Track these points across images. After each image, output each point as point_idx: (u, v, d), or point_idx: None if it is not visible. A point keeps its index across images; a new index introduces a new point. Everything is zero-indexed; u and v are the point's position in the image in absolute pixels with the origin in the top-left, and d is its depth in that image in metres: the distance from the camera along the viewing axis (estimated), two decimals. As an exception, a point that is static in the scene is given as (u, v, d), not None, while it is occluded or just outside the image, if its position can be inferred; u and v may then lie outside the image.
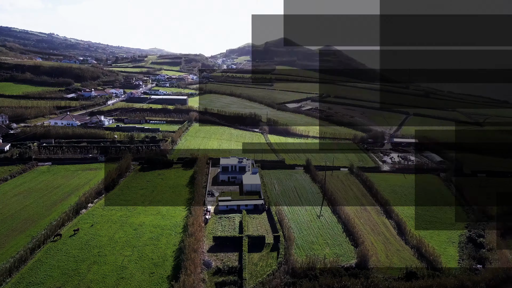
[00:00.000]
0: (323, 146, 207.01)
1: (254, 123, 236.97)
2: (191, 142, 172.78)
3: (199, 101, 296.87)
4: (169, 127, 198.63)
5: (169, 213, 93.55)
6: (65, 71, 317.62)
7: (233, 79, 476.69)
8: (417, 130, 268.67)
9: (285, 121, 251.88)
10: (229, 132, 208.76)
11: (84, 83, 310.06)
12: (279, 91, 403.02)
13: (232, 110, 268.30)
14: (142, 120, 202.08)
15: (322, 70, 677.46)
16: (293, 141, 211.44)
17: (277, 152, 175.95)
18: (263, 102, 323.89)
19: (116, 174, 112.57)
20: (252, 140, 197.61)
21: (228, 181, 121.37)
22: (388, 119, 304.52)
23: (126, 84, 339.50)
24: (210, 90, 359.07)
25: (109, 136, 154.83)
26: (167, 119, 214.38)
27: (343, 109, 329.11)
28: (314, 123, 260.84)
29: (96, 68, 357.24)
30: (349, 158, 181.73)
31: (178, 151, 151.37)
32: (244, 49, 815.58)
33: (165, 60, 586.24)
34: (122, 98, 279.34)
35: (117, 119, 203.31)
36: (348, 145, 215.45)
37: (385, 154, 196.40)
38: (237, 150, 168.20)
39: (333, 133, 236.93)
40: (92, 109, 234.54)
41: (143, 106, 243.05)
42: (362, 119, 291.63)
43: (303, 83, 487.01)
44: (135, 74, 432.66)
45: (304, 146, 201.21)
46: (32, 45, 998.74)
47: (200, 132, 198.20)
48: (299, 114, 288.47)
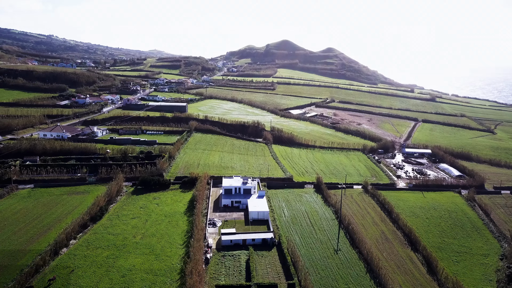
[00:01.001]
0: (332, 158, 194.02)
1: (257, 132, 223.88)
2: (190, 156, 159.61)
3: (199, 107, 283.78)
4: (167, 138, 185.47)
5: (164, 251, 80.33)
6: (59, 76, 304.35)
7: (234, 82, 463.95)
8: (429, 139, 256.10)
9: (290, 129, 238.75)
10: (231, 143, 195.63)
11: (79, 89, 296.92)
12: (281, 96, 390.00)
13: (233, 117, 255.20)
14: (138, 131, 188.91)
15: (324, 72, 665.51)
16: (299, 152, 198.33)
17: (283, 166, 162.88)
18: (265, 108, 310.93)
19: (105, 201, 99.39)
20: (255, 152, 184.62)
21: (232, 206, 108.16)
22: (396, 126, 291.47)
23: (123, 89, 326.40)
24: (211, 95, 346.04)
25: (101, 151, 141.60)
26: (165, 128, 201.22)
27: (349, 115, 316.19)
28: (320, 131, 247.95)
29: (92, 73, 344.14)
30: (361, 173, 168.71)
31: (176, 168, 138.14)
32: (245, 52, 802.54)
33: (164, 63, 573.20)
34: (118, 105, 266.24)
35: (111, 129, 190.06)
36: (358, 156, 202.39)
37: (398, 168, 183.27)
38: (240, 165, 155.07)
39: (341, 143, 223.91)
40: (86, 117, 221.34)
41: (140, 114, 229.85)
42: (369, 126, 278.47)
43: (305, 87, 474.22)
44: (133, 78, 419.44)
45: (312, 158, 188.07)
46: (30, 47, 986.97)
47: (200, 143, 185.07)
48: (303, 121, 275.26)
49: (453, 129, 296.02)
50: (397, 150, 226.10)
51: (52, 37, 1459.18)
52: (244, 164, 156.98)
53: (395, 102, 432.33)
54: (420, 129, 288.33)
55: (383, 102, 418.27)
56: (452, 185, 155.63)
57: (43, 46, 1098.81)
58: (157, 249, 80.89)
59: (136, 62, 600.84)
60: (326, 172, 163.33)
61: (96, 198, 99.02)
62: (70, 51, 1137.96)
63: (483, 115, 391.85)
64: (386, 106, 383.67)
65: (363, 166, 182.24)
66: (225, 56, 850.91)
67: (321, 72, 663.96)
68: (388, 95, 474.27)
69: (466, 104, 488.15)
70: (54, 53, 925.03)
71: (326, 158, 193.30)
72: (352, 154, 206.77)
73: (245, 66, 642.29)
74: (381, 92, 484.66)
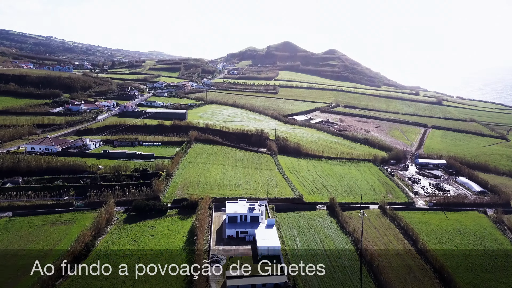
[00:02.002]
0: (342, 170, 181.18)
1: (261, 142, 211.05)
2: (190, 171, 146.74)
3: (199, 114, 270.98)
4: (166, 150, 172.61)
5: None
6: (54, 81, 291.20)
7: (235, 86, 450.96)
8: (441, 148, 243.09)
9: (295, 137, 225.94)
10: (234, 154, 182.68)
11: (74, 94, 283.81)
12: (284, 100, 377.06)
13: (236, 125, 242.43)
14: (135, 142, 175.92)
15: (327, 75, 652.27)
16: (307, 164, 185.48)
17: (291, 182, 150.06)
18: (268, 114, 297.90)
19: (92, 234, 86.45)
20: (260, 165, 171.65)
21: (237, 237, 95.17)
22: (406, 133, 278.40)
23: (121, 94, 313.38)
24: (211, 100, 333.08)
25: (92, 168, 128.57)
26: (164, 139, 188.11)
27: (356, 121, 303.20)
28: (327, 140, 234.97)
29: (88, 77, 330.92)
30: (375, 188, 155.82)
31: (174, 187, 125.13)
32: (246, 53, 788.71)
33: (164, 65, 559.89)
34: (115, 111, 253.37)
35: (105, 140, 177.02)
36: (369, 168, 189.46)
37: (414, 182, 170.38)
38: (244, 181, 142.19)
39: (350, 152, 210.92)
40: (80, 126, 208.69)
41: (136, 123, 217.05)
42: (378, 133, 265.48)
43: (308, 90, 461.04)
44: (131, 82, 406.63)
45: (320, 171, 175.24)
46: (29, 48, 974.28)
47: (201, 155, 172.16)
48: (309, 128, 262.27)
49: (464, 136, 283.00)
50: (410, 161, 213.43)
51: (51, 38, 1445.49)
52: (249, 181, 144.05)
53: (401, 105, 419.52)
54: (431, 136, 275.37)
55: (389, 106, 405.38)
56: (476, 203, 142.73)
57: (41, 47, 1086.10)
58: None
59: (135, 64, 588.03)
60: (337, 189, 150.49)
61: (82, 232, 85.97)
62: (68, 52, 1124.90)
63: (492, 119, 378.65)
64: (393, 111, 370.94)
65: (376, 180, 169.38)
66: (225, 57, 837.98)
67: (323, 74, 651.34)
68: (393, 99, 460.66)
69: (472, 107, 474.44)
70: (53, 54, 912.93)
71: (336, 170, 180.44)
72: (362, 165, 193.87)
73: (246, 69, 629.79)
74: (386, 95, 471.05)
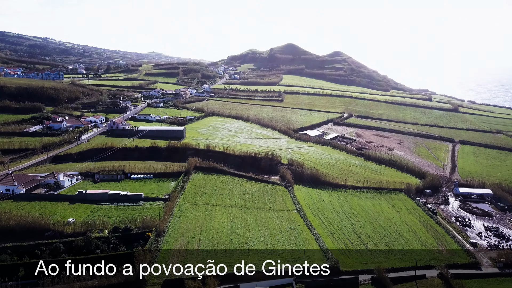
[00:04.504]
0: (372, 206, 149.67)
1: (272, 167, 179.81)
2: (188, 219, 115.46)
3: (199, 129, 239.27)
4: (158, 186, 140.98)
5: None
6: (35, 93, 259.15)
7: (237, 92, 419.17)
8: (478, 170, 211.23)
9: (311, 160, 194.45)
10: (241, 188, 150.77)
11: (58, 107, 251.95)
12: (291, 110, 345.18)
13: (241, 144, 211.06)
14: (121, 175, 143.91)
15: (333, 79, 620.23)
16: (329, 198, 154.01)
17: (316, 231, 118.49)
18: (276, 128, 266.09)
19: None
20: (274, 203, 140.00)
21: None
22: (433, 150, 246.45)
23: (111, 106, 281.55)
24: (213, 112, 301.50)
25: (57, 226, 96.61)
26: (156, 168, 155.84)
27: (374, 135, 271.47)
28: (347, 162, 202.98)
29: (76, 86, 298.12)
30: (421, 237, 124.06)
31: (166, 255, 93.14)
32: (247, 56, 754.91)
33: (161, 70, 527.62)
34: (103, 128, 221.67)
35: (85, 173, 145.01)
36: (404, 202, 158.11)
37: (464, 224, 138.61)
38: (258, 236, 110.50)
39: (377, 179, 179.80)
40: (58, 151, 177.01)
41: (126, 145, 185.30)
42: (403, 152, 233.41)
43: (316, 97, 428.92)
44: (125, 90, 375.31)
45: (348, 209, 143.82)
46: (24, 50, 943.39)
47: (202, 192, 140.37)
48: (324, 146, 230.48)
49: (499, 153, 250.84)
50: (446, 188, 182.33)
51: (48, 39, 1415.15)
52: (263, 234, 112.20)
53: (417, 114, 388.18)
54: (461, 154, 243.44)
55: (405, 115, 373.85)
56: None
57: (37, 49, 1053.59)
58: None
59: (131, 69, 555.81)
60: (375, 240, 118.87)
61: None
62: (65, 54, 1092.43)
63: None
64: (410, 121, 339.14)
65: (417, 222, 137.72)
66: (226, 60, 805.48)
67: (329, 78, 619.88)
68: (407, 105, 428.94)
69: (489, 113, 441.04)
70: (48, 57, 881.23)
71: (366, 207, 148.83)
72: (395, 198, 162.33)
73: (248, 73, 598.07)
74: (399, 102, 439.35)
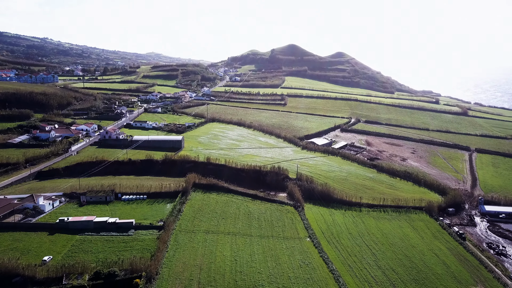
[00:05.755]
0: (393, 230, 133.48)
1: (279, 182, 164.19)
2: (183, 256, 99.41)
3: (198, 138, 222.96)
4: (152, 209, 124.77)
5: None
6: (24, 98, 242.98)
7: (238, 96, 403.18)
8: (501, 184, 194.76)
9: (321, 173, 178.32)
10: (246, 209, 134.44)
11: (48, 114, 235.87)
12: (296, 114, 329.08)
13: (244, 154, 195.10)
14: (110, 196, 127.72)
15: (336, 80, 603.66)
16: (344, 220, 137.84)
17: (333, 266, 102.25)
18: (281, 136, 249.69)
19: None
20: (283, 229, 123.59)
21: None
22: (449, 160, 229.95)
23: (106, 112, 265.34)
24: (213, 117, 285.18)
25: (28, 271, 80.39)
26: (151, 187, 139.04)
27: (385, 143, 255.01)
28: (359, 174, 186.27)
29: (68, 91, 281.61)
30: (454, 272, 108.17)
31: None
32: (248, 57, 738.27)
33: (160, 72, 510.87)
34: (95, 137, 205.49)
35: (69, 194, 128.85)
36: (426, 224, 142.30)
37: (499, 253, 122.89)
38: (268, 275, 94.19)
39: (393, 195, 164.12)
40: (43, 166, 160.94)
41: (118, 158, 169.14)
42: (418, 163, 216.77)
43: (320, 100, 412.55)
44: (122, 93, 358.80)
45: (366, 234, 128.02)
46: (21, 51, 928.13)
47: (201, 216, 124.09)
48: (333, 156, 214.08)
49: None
50: (469, 205, 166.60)
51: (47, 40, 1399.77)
52: (273, 273, 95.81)
53: (425, 118, 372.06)
54: (480, 164, 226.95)
55: (414, 120, 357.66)
56: None
57: (34, 50, 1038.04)
58: None
59: (129, 71, 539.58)
60: (401, 275, 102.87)
61: None
62: (63, 55, 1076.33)
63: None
64: (420, 126, 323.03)
65: (445, 249, 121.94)
66: (226, 61, 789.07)
67: (332, 80, 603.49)
68: (415, 109, 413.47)
69: (498, 117, 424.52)
70: (45, 58, 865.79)
71: (385, 230, 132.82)
72: (416, 218, 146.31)
73: (249, 74, 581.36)
74: (406, 105, 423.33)
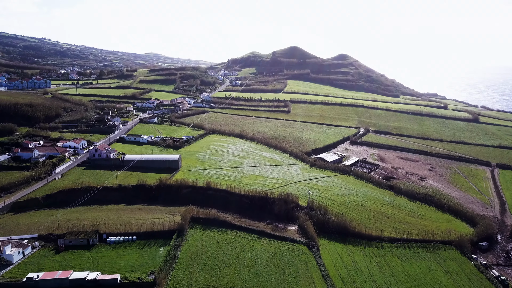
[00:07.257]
0: (423, 275, 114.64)
1: (288, 212, 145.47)
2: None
3: (197, 154, 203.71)
4: (142, 254, 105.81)
5: None
6: (7, 110, 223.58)
7: (240, 102, 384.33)
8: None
9: (335, 199, 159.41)
10: (252, 251, 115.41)
11: (34, 129, 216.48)
12: (301, 124, 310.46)
13: (247, 176, 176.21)
14: (93, 239, 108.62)
15: (340, 84, 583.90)
16: (365, 262, 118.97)
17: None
18: (287, 150, 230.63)
19: None
20: (297, 279, 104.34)
21: None
22: (471, 178, 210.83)
23: (97, 124, 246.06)
24: (213, 129, 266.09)
25: None
26: (141, 225, 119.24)
27: (399, 158, 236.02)
28: (377, 199, 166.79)
29: (57, 101, 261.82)
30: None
31: None
32: (249, 60, 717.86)
33: (157, 76, 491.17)
34: (82, 156, 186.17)
35: (45, 236, 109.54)
36: (460, 265, 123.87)
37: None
38: None
39: (417, 225, 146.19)
40: (20, 194, 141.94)
41: (107, 184, 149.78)
42: (438, 182, 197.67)
43: (325, 106, 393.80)
44: (117, 100, 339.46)
45: (394, 286, 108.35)
46: (17, 52, 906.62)
47: (200, 264, 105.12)
48: (346, 175, 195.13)
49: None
50: (501, 236, 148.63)
51: (44, 40, 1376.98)
52: None
53: (436, 125, 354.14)
54: (504, 183, 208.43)
55: (424, 128, 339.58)
56: None
57: (31, 51, 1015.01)
58: None
59: (125, 74, 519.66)
60: None
61: None
62: (59, 56, 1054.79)
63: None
64: (433, 137, 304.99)
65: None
66: (226, 64, 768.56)
67: (336, 83, 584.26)
68: (424, 115, 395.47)
69: (509, 123, 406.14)
70: (41, 59, 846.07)
71: (414, 276, 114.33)
72: (446, 256, 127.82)
73: (250, 78, 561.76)
74: (414, 111, 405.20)
